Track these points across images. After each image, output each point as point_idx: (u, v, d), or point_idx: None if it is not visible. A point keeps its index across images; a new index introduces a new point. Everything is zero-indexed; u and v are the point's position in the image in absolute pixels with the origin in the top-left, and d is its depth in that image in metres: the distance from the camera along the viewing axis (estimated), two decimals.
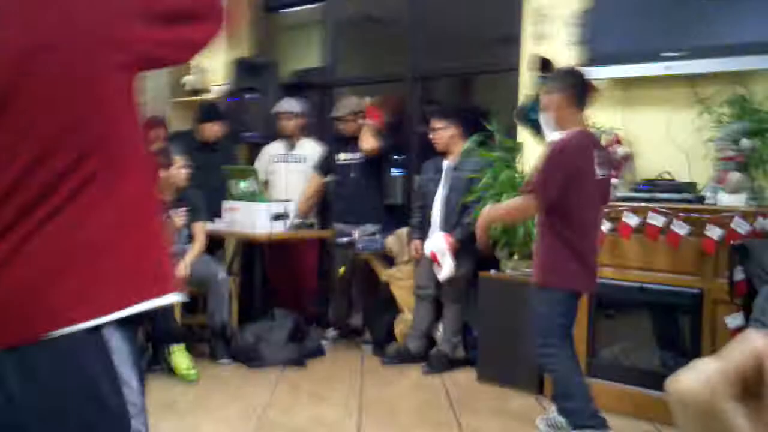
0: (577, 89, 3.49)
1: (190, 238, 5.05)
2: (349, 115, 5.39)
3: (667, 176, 4.19)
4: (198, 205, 5.08)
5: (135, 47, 1.25)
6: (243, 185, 5.26)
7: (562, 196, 3.29)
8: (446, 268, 4.73)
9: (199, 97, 6.54)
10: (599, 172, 3.41)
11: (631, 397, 3.96)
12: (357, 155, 5.38)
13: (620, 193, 4.16)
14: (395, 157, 5.84)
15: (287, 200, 5.37)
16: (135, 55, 1.26)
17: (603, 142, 4.35)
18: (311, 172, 5.69)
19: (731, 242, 3.63)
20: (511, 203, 3.59)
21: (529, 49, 4.94)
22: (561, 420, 3.53)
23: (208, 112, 5.86)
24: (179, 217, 4.90)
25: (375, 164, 5.39)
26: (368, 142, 5.28)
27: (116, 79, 1.25)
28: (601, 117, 4.54)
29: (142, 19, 1.25)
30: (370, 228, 5.26)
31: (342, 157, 5.47)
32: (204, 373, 4.63)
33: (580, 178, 3.33)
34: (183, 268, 4.83)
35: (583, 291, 3.52)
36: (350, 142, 5.42)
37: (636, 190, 4.13)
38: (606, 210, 3.94)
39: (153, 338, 4.75)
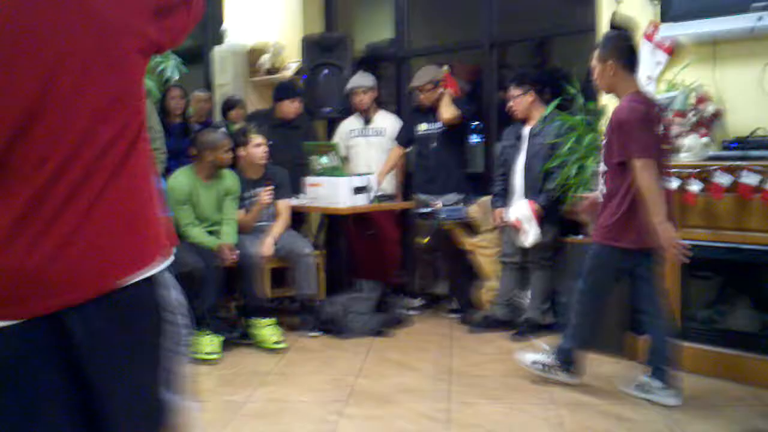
0: (626, 53, 3.61)
1: (275, 215, 5.14)
2: (428, 84, 5.35)
3: (760, 133, 4.04)
4: (282, 183, 5.16)
5: (149, 36, 1.49)
6: (324, 161, 5.31)
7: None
8: (532, 235, 4.69)
9: (275, 76, 6.61)
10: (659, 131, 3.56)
11: (727, 360, 3.87)
12: (437, 125, 5.36)
13: (711, 152, 4.03)
14: (474, 125, 5.79)
15: (368, 173, 5.39)
16: (149, 42, 1.50)
17: (692, 100, 4.24)
18: (390, 144, 5.70)
19: None
20: (648, 197, 3.43)
21: (607, 7, 4.81)
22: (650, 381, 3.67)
23: (285, 89, 5.92)
24: (266, 194, 4.98)
25: (455, 133, 5.36)
26: (448, 111, 5.26)
27: (138, 61, 1.49)
28: (685, 75, 4.41)
29: (152, 12, 1.50)
30: (453, 197, 5.26)
31: (422, 127, 5.45)
32: (293, 345, 4.73)
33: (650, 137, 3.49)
34: (269, 244, 4.93)
35: (648, 247, 3.56)
36: (430, 112, 5.40)
37: (727, 149, 3.99)
38: (696, 170, 3.86)
39: (243, 312, 4.87)
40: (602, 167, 3.70)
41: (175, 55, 6.91)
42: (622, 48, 3.62)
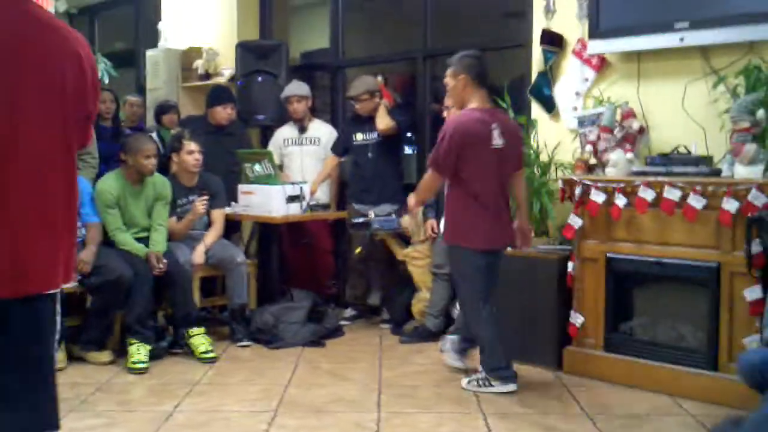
0: (476, 69, 3.97)
1: (209, 224, 5.09)
2: (365, 95, 5.37)
3: (682, 150, 4.18)
4: (217, 191, 5.12)
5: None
6: (257, 169, 5.28)
7: (458, 167, 3.86)
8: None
9: (209, 82, 6.55)
10: (499, 142, 3.90)
11: (650, 372, 3.99)
12: (373, 135, 5.38)
13: (635, 168, 4.16)
14: (408, 135, 5.84)
15: (302, 182, 5.38)
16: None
17: (617, 116, 4.36)
18: (324, 153, 5.70)
19: (748, 214, 3.62)
20: (423, 182, 4.09)
21: (539, 23, 4.92)
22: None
23: (219, 95, 5.87)
24: (201, 203, 4.92)
25: (391, 144, 5.40)
26: (384, 121, 5.29)
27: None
28: (612, 91, 4.54)
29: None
30: (388, 208, 5.28)
31: (358, 137, 5.47)
32: (224, 355, 4.70)
33: (474, 150, 3.84)
34: (201, 253, 4.88)
35: (497, 246, 4.03)
36: (366, 122, 5.42)
37: (651, 164, 4.12)
38: (622, 184, 3.98)
39: (173, 321, 4.81)
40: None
41: (105, 59, 6.79)
42: (472, 65, 3.96)
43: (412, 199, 4.22)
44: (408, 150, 6.16)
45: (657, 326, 4.11)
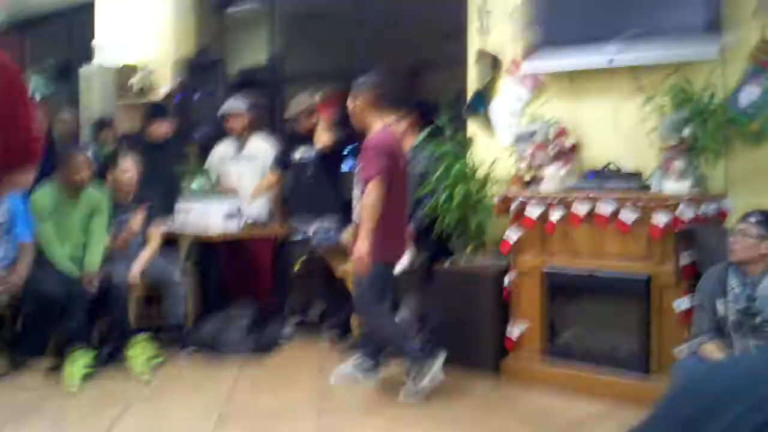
0: (373, 94, 4.13)
1: (145, 240, 5.02)
2: (302, 114, 5.40)
3: (613, 166, 4.32)
4: (155, 207, 5.05)
5: None
6: (195, 185, 5.24)
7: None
8: (403, 260, 4.78)
9: (146, 99, 6.48)
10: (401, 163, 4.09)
11: (586, 378, 4.09)
12: (312, 152, 5.41)
13: (569, 183, 4.28)
14: (348, 149, 5.87)
15: (238, 198, 5.36)
16: None
17: (551, 133, 4.48)
18: (263, 170, 5.68)
19: (677, 228, 3.76)
20: (366, 211, 3.93)
21: (475, 42, 5.03)
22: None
23: (155, 111, 5.83)
24: (137, 220, 4.86)
25: (331, 160, 5.42)
26: (324, 137, 5.32)
27: None
28: (547, 108, 4.66)
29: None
30: (327, 224, 5.30)
31: (297, 155, 5.49)
32: (161, 371, 4.60)
33: (392, 167, 3.99)
34: (137, 272, 4.81)
35: (392, 261, 4.23)
36: (305, 140, 5.44)
37: (585, 180, 4.24)
38: (557, 199, 4.09)
39: (110, 338, 4.72)
40: (359, 191, 4.09)
41: (41, 73, 6.67)
42: (370, 90, 4.14)
43: (362, 242, 3.93)
44: (345, 167, 6.18)
45: (592, 335, 4.22)
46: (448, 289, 4.60)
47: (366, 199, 3.94)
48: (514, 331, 4.34)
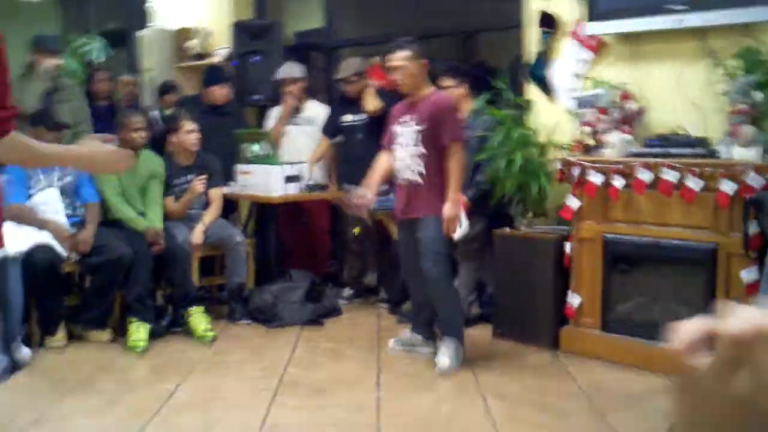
0: (423, 56, 4.12)
1: (207, 203, 5.09)
2: (353, 77, 5.39)
3: (679, 131, 4.21)
4: (215, 171, 5.12)
5: None
6: (255, 148, 5.28)
7: None
8: (460, 227, 4.77)
9: (203, 62, 6.52)
10: None
11: (646, 352, 4.03)
12: (362, 116, 5.40)
13: (633, 149, 4.19)
14: None
15: (300, 162, 5.39)
16: None
17: (616, 98, 4.40)
18: (320, 134, 5.70)
19: (745, 196, 3.67)
20: (454, 171, 4.00)
21: (534, 3, 4.93)
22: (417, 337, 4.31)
23: (214, 75, 5.86)
24: (199, 182, 4.93)
25: (380, 124, 5.39)
26: (371, 102, 5.32)
27: None
28: (610, 72, 4.56)
29: None
30: (381, 187, 5.29)
31: (347, 118, 5.48)
32: (223, 334, 4.71)
33: None
34: (200, 233, 4.88)
35: None
36: (354, 103, 5.43)
37: (648, 146, 4.15)
38: (620, 166, 4.03)
39: (172, 301, 4.83)
40: (420, 150, 4.04)
41: (100, 37, 6.75)
42: (421, 52, 4.12)
43: (453, 205, 4.01)
44: None
45: (654, 307, 4.15)
46: (507, 257, 4.57)
47: (458, 161, 4.00)
48: (575, 299, 4.31)
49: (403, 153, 4.14)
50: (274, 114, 5.88)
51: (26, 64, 5.18)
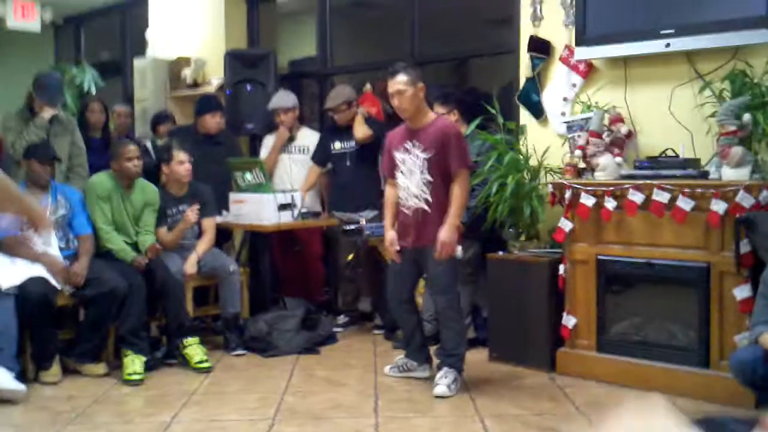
0: (422, 81, 4.13)
1: (200, 233, 5.10)
2: (342, 105, 5.44)
3: (670, 153, 4.25)
4: (208, 200, 5.12)
5: None
6: (248, 177, 5.30)
7: None
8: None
9: (197, 91, 6.56)
10: None
11: (643, 371, 4.04)
12: (351, 144, 5.44)
13: (624, 171, 4.22)
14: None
15: (293, 190, 5.41)
16: None
17: (605, 121, 4.43)
18: (311, 161, 5.73)
19: (736, 215, 3.69)
20: (458, 197, 4.02)
21: (526, 29, 4.98)
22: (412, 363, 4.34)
23: (207, 104, 5.88)
24: (192, 212, 4.94)
25: (370, 152, 5.43)
26: (360, 130, 5.36)
27: None
28: (600, 96, 4.60)
29: None
30: (369, 214, 5.32)
31: (337, 146, 5.53)
32: (219, 364, 4.70)
33: None
34: (193, 263, 4.89)
35: None
36: (344, 131, 5.48)
37: (639, 168, 4.18)
38: (612, 187, 4.08)
39: (166, 332, 4.81)
40: (426, 178, 4.03)
41: (91, 68, 6.79)
42: (420, 79, 4.10)
43: (451, 230, 4.00)
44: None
45: (649, 326, 4.16)
46: (501, 279, 4.58)
47: (463, 188, 4.03)
48: (570, 321, 4.31)
49: (408, 181, 4.12)
50: (267, 143, 5.92)
51: (26, 102, 5.16)
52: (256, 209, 5.22)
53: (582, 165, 4.45)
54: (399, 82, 4.06)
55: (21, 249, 4.45)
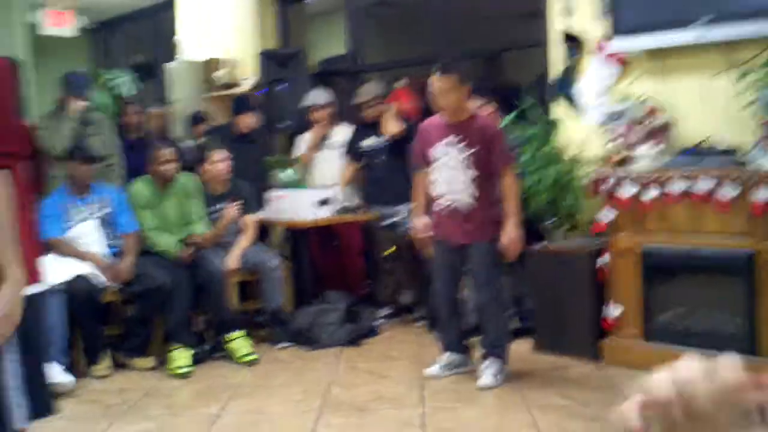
0: (467, 77, 4.10)
1: (240, 230, 5.16)
2: (371, 101, 5.49)
3: (707, 143, 4.24)
4: (248, 197, 5.20)
5: None
6: (286, 174, 5.37)
7: None
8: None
9: (231, 91, 6.64)
10: None
11: None
12: (382, 139, 5.49)
13: (665, 161, 4.23)
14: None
15: (331, 186, 5.46)
16: None
17: (642, 112, 4.44)
18: (345, 156, 5.78)
19: None
20: (512, 194, 4.06)
21: (557, 23, 4.99)
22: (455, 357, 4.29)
23: (242, 104, 5.96)
24: (233, 209, 5.01)
25: (403, 146, 5.46)
26: (391, 126, 5.39)
27: None
28: (636, 87, 4.61)
29: None
30: (405, 208, 5.35)
31: (368, 142, 5.58)
32: (264, 357, 4.76)
33: None
34: (236, 258, 4.95)
35: None
36: (374, 127, 5.53)
37: (682, 156, 4.18)
38: (651, 178, 4.11)
39: (213, 326, 4.88)
40: (471, 174, 4.03)
41: (129, 70, 6.88)
42: (463, 73, 4.07)
43: (516, 228, 4.05)
44: None
45: (695, 315, 4.17)
46: (542, 270, 4.60)
47: (514, 184, 4.07)
48: (611, 312, 4.33)
49: (450, 175, 4.11)
50: (303, 140, 5.97)
51: (57, 102, 5.30)
52: (294, 205, 5.28)
53: (619, 157, 4.47)
54: (444, 81, 4.02)
55: (67, 250, 4.55)
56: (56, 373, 4.12)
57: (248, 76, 6.65)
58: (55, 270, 4.35)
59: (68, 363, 4.29)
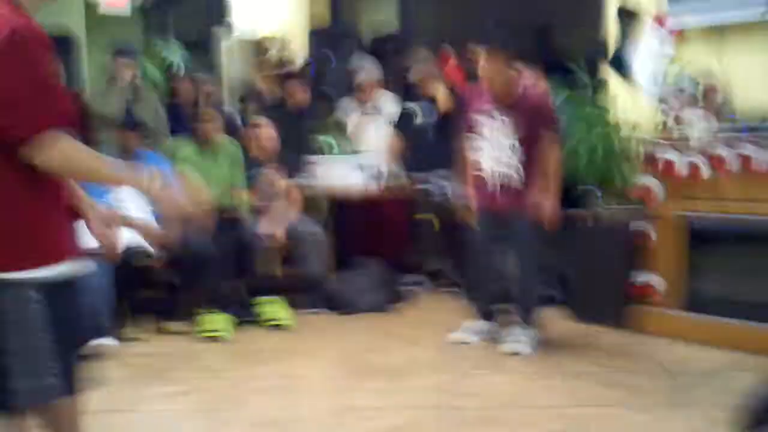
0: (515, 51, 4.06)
1: (284, 196, 5.17)
2: (424, 77, 5.48)
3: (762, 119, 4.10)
4: (291, 164, 5.21)
5: None
6: (330, 142, 5.38)
7: None
8: None
9: (284, 68, 6.66)
10: None
11: (734, 331, 3.92)
12: (433, 112, 5.47)
13: (717, 131, 4.09)
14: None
15: (375, 153, 5.45)
16: None
17: (699, 88, 4.31)
18: (390, 125, 5.76)
19: None
20: (553, 165, 4.02)
21: None
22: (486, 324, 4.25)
23: (294, 77, 5.99)
24: (275, 173, 5.03)
25: (451, 120, 5.40)
26: (444, 102, 5.37)
27: None
28: (693, 64, 4.46)
29: None
30: (446, 176, 5.30)
31: (419, 115, 5.55)
32: (301, 323, 4.76)
33: None
34: (282, 225, 4.97)
35: None
36: (426, 100, 5.51)
37: (732, 129, 4.06)
38: (705, 152, 4.05)
39: (252, 291, 4.91)
40: (514, 144, 3.97)
41: (180, 44, 6.97)
42: (510, 47, 4.03)
43: (554, 199, 4.06)
44: None
45: (740, 285, 4.05)
46: (582, 239, 4.54)
47: (555, 155, 4.04)
48: (650, 281, 4.23)
49: (493, 146, 4.08)
50: (346, 105, 5.96)
51: (110, 74, 5.45)
52: (338, 173, 5.32)
53: (673, 127, 4.33)
54: (491, 62, 4.00)
55: (113, 218, 4.60)
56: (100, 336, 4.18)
57: (301, 53, 6.66)
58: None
59: (110, 327, 4.35)
